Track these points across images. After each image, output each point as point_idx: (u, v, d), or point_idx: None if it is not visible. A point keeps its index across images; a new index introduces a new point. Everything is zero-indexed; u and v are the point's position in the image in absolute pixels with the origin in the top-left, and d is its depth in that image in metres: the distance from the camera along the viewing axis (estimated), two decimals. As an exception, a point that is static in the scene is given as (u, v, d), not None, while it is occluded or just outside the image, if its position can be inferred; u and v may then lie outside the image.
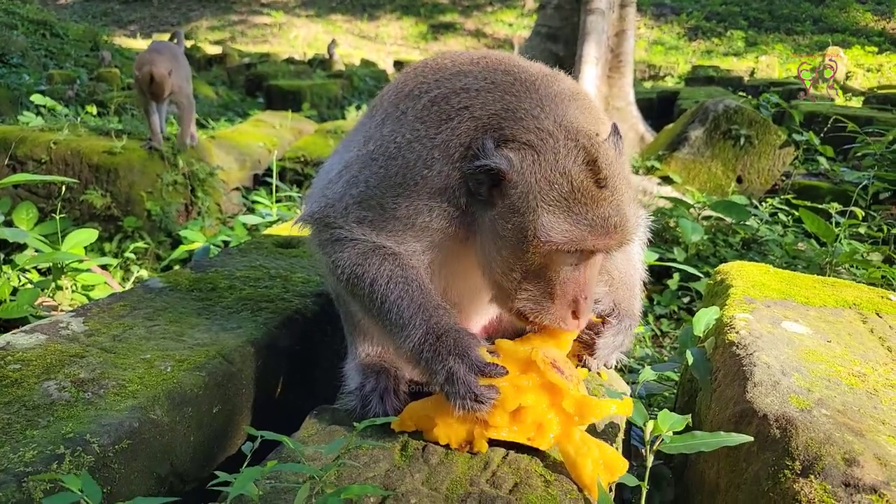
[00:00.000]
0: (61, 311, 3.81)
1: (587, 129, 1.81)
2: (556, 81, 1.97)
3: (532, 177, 1.73)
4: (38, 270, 4.56)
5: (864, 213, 5.14)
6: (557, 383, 1.78)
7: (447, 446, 1.86)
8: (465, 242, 1.92)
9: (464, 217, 1.88)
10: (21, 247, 4.85)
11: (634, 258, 2.33)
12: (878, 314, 2.41)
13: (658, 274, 5.22)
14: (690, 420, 1.84)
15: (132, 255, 5.56)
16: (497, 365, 1.75)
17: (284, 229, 3.97)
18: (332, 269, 2.03)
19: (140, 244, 5.67)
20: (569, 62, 10.07)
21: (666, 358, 4.08)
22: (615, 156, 1.81)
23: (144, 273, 5.31)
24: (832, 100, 11.96)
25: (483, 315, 2.34)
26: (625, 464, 1.76)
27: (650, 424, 1.83)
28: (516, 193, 1.74)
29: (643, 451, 1.87)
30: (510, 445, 1.85)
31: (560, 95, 1.89)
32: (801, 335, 2.16)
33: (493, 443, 1.84)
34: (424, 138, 1.90)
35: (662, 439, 1.81)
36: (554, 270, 1.80)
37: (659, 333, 4.68)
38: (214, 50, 24.49)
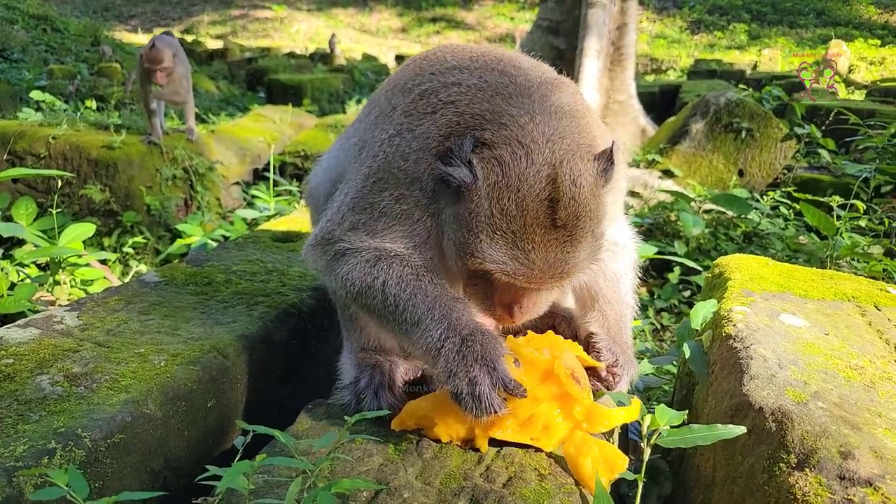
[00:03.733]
0: (58, 305, 3.81)
1: (571, 150, 1.71)
2: (555, 90, 1.90)
3: (488, 199, 1.67)
4: (37, 265, 4.56)
5: (865, 207, 5.11)
6: (576, 395, 1.78)
7: (447, 442, 1.85)
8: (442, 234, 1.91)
9: (432, 206, 1.87)
10: (20, 241, 4.85)
11: (624, 291, 2.29)
12: (876, 307, 2.39)
13: (659, 268, 5.21)
14: (686, 415, 1.83)
15: (131, 250, 5.56)
16: (521, 385, 1.71)
17: (282, 224, 3.96)
18: (341, 284, 1.98)
19: (139, 239, 5.67)
20: (570, 55, 10.01)
21: (666, 351, 4.07)
22: (588, 187, 1.70)
23: (143, 268, 5.31)
24: (834, 93, 11.89)
25: None
26: (625, 460, 1.75)
27: (647, 419, 1.82)
28: (469, 207, 1.71)
29: (641, 444, 1.86)
30: (508, 441, 1.84)
31: (555, 107, 1.81)
32: (799, 328, 2.15)
33: (493, 441, 1.83)
34: (405, 131, 1.91)
35: (660, 433, 1.79)
36: (493, 283, 1.81)
37: (659, 327, 4.66)
38: (216, 44, 24.41)
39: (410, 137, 1.90)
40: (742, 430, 1.67)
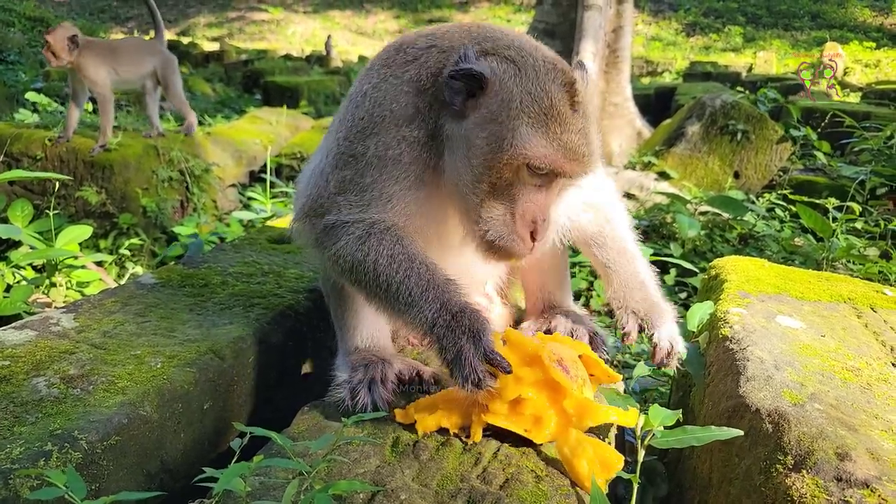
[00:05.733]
0: (54, 307, 3.79)
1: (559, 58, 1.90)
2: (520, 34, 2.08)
3: (514, 87, 1.77)
4: (33, 267, 4.55)
5: (861, 209, 5.12)
6: (560, 381, 1.78)
7: (445, 432, 1.88)
8: (438, 174, 1.94)
9: (432, 143, 1.91)
10: (16, 243, 4.83)
11: (620, 237, 2.33)
12: (872, 309, 2.40)
13: (655, 270, 5.21)
14: (682, 415, 1.83)
15: (127, 252, 5.55)
16: (504, 358, 1.75)
17: (279, 225, 3.95)
18: (333, 261, 2.00)
19: (135, 241, 5.65)
20: (566, 58, 10.00)
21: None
22: (584, 87, 1.88)
23: (140, 270, 5.29)
24: (829, 96, 11.95)
25: (477, 280, 2.37)
26: (620, 460, 1.75)
27: (641, 419, 1.83)
28: (497, 101, 1.77)
29: (637, 446, 1.86)
30: (504, 438, 1.85)
31: (528, 37, 1.97)
32: (795, 330, 2.15)
33: (489, 431, 1.85)
34: (391, 77, 1.95)
35: (654, 434, 1.80)
36: (519, 188, 1.83)
37: (655, 329, 4.66)
38: (212, 46, 24.40)
39: (398, 83, 1.93)
40: (738, 432, 1.67)
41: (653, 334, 2.16)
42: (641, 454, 1.81)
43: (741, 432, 1.67)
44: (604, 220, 2.28)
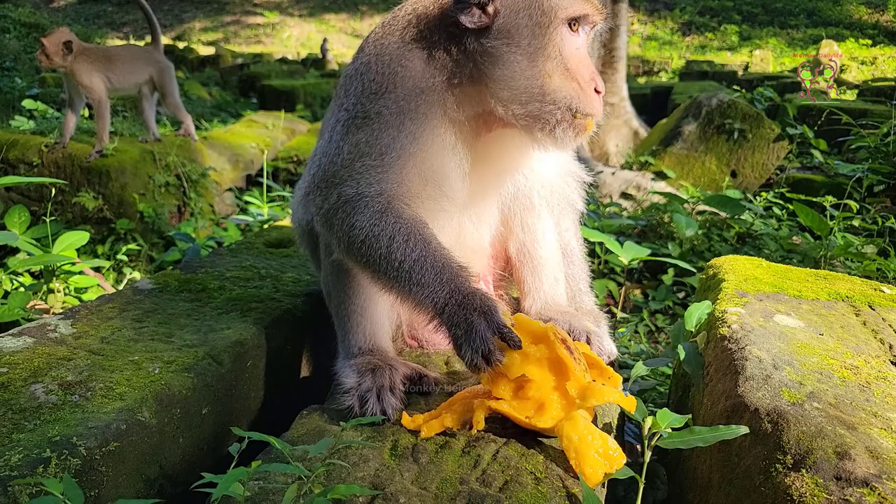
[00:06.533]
0: (52, 313, 3.79)
1: None
2: None
3: None
4: (31, 274, 4.54)
5: (858, 206, 5.13)
6: (565, 359, 1.80)
7: (446, 433, 1.89)
8: (461, 107, 1.99)
9: (453, 78, 1.96)
10: (14, 250, 4.83)
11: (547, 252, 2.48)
12: (870, 306, 2.40)
13: (653, 269, 5.22)
14: (691, 419, 1.83)
15: (125, 258, 5.54)
16: (515, 333, 1.78)
17: (276, 229, 3.95)
18: (345, 233, 1.97)
19: (132, 246, 5.65)
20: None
21: (661, 353, 4.07)
22: None
23: (137, 275, 5.29)
24: (826, 94, 11.99)
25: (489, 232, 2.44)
26: (623, 457, 1.74)
27: (648, 420, 1.82)
28: None
29: (638, 447, 1.86)
30: (504, 433, 1.86)
31: None
32: (794, 328, 2.15)
33: (490, 431, 1.86)
34: (389, 45, 2.00)
35: (661, 435, 1.79)
36: (565, 54, 1.92)
37: (654, 329, 4.67)
38: (207, 51, 24.41)
39: (400, 45, 1.98)
40: (744, 430, 1.66)
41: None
42: (648, 455, 1.81)
43: (747, 429, 1.66)
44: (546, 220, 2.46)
